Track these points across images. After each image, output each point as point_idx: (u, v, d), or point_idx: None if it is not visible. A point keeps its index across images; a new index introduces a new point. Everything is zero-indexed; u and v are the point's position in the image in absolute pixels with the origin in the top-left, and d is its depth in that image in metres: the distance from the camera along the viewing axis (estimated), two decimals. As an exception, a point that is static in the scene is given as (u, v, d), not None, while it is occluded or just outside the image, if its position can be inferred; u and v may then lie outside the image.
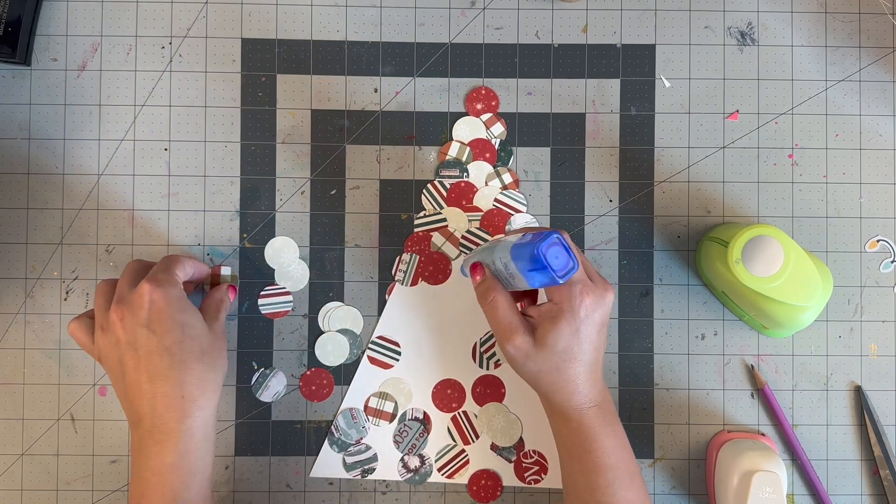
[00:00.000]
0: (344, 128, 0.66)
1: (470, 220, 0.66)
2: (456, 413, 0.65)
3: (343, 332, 0.65)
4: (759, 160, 0.66)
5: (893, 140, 0.66)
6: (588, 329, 0.54)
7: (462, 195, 0.66)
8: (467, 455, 0.65)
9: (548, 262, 0.51)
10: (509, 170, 0.66)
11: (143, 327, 0.54)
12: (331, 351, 0.65)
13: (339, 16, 0.66)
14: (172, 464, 0.53)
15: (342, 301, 0.66)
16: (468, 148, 0.66)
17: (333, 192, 0.66)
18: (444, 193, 0.66)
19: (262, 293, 0.66)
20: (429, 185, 0.66)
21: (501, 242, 0.55)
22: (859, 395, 0.65)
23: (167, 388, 0.54)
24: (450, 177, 0.66)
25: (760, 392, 0.65)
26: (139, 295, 0.55)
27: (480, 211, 0.66)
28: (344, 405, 0.65)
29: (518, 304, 0.57)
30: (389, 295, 0.66)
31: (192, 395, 0.54)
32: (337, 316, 0.66)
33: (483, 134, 0.66)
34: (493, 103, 0.66)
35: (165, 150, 0.66)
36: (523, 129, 0.66)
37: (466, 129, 0.66)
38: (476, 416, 0.65)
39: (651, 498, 0.57)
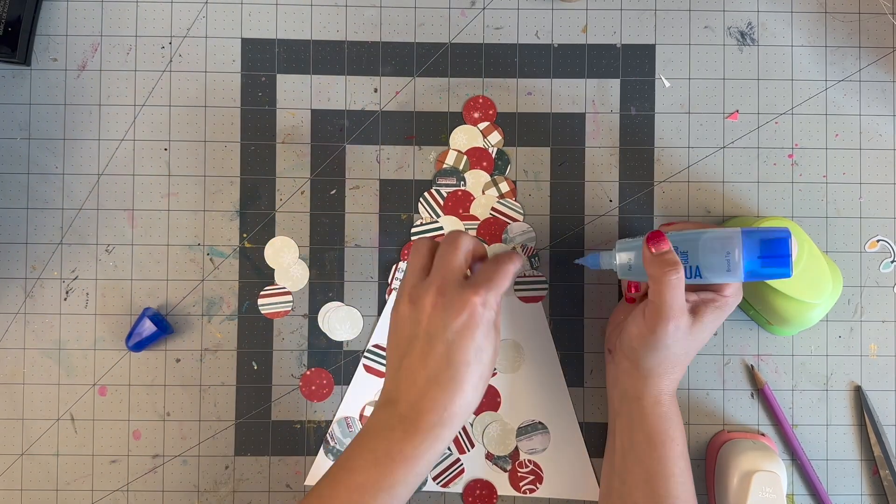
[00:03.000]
0: (344, 128, 0.66)
1: (467, 229, 0.66)
2: None
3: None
4: (759, 160, 0.66)
5: (893, 140, 0.66)
6: (720, 324, 0.57)
7: (459, 204, 0.66)
8: (462, 464, 0.65)
9: (792, 251, 0.53)
10: (506, 179, 0.66)
11: (447, 331, 0.53)
12: (344, 317, 0.65)
13: (339, 16, 0.66)
14: (409, 456, 0.53)
15: (342, 301, 0.66)
16: (465, 157, 0.66)
17: (333, 192, 0.66)
18: (441, 202, 0.66)
19: (262, 293, 0.66)
20: (426, 194, 0.66)
21: (705, 231, 0.55)
22: (859, 395, 0.65)
23: (438, 395, 0.53)
24: (447, 185, 0.66)
25: (760, 392, 0.65)
26: (463, 302, 0.54)
27: (477, 220, 0.66)
28: (339, 414, 0.65)
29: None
30: (389, 295, 0.66)
31: (453, 413, 0.53)
32: (337, 316, 0.66)
33: (480, 143, 0.66)
34: (491, 112, 0.66)
35: (165, 150, 0.66)
36: (523, 128, 0.66)
37: (463, 138, 0.66)
38: (471, 424, 0.65)
39: None
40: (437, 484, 0.65)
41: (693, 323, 0.55)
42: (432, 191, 0.66)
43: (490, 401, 0.65)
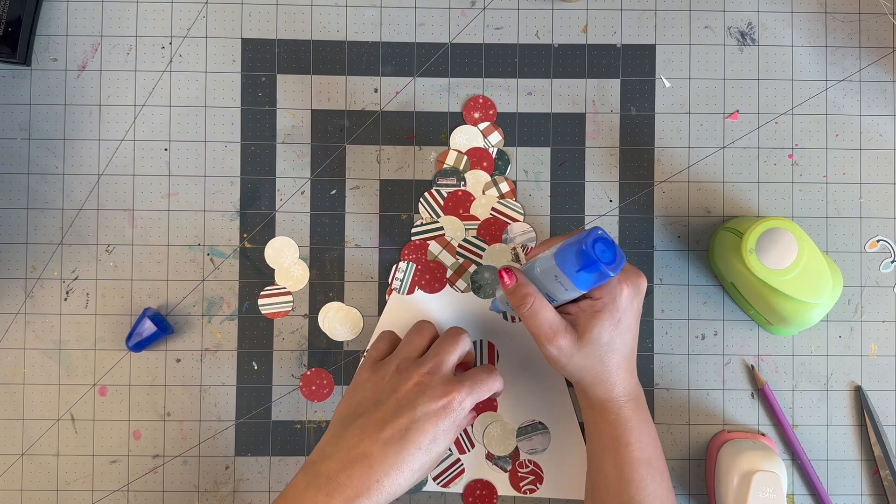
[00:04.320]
0: (344, 128, 0.66)
1: (467, 229, 0.66)
2: None
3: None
4: (759, 160, 0.66)
5: (893, 140, 0.66)
6: (628, 319, 0.55)
7: (459, 204, 0.66)
8: (463, 464, 0.65)
9: (598, 257, 0.51)
10: (507, 179, 0.66)
11: (417, 409, 0.54)
12: (340, 318, 0.66)
13: (339, 16, 0.67)
14: None
15: (342, 301, 0.66)
16: (465, 157, 0.66)
17: (333, 192, 0.66)
18: (442, 202, 0.66)
19: (262, 293, 0.66)
20: (426, 194, 0.66)
21: (538, 258, 0.55)
22: (859, 395, 0.65)
23: (375, 463, 0.52)
24: (447, 185, 0.66)
25: (760, 392, 0.65)
26: (447, 390, 0.54)
27: (477, 220, 0.66)
28: (342, 409, 0.65)
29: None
30: (389, 296, 0.66)
31: (381, 488, 0.52)
32: (337, 316, 0.66)
33: (480, 143, 0.66)
34: (491, 112, 0.66)
35: (165, 150, 0.66)
36: (523, 129, 0.66)
37: (464, 138, 0.66)
38: (472, 424, 0.65)
39: (675, 496, 0.58)
40: (438, 484, 0.65)
41: (579, 336, 0.54)
42: (432, 191, 0.66)
43: (489, 401, 0.65)
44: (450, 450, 0.65)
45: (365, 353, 0.65)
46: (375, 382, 0.56)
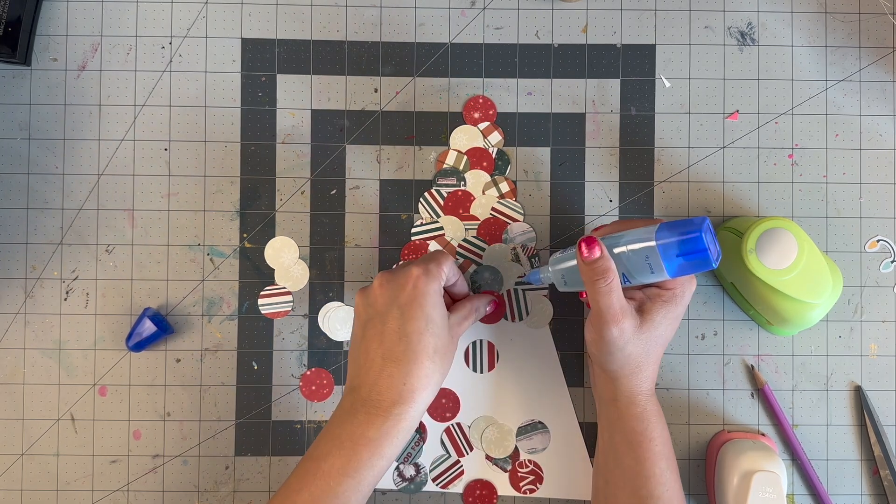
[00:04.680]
0: (344, 128, 0.66)
1: (467, 229, 0.66)
2: (449, 425, 0.65)
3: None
4: (759, 160, 0.66)
5: (893, 140, 0.66)
6: (680, 318, 0.57)
7: (459, 204, 0.66)
8: (462, 466, 0.65)
9: (708, 246, 0.51)
10: (506, 179, 0.66)
11: (396, 306, 0.55)
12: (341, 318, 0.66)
13: (339, 16, 0.66)
14: (372, 438, 0.53)
15: (342, 301, 0.66)
16: (465, 157, 0.66)
17: (333, 192, 0.66)
18: (441, 202, 0.66)
19: (262, 293, 0.66)
20: (426, 194, 0.66)
21: (627, 234, 0.55)
22: (859, 395, 0.65)
23: (395, 371, 0.54)
24: (447, 185, 0.66)
25: (760, 392, 0.65)
26: (406, 275, 0.56)
27: (477, 220, 0.66)
28: (343, 407, 0.65)
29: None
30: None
31: (413, 387, 0.54)
32: (337, 316, 0.66)
33: (480, 143, 0.66)
34: (491, 112, 0.66)
35: (165, 150, 0.66)
36: (523, 129, 0.66)
37: (464, 138, 0.66)
38: (469, 427, 0.65)
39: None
40: (437, 485, 0.65)
41: (642, 322, 0.55)
42: (432, 191, 0.66)
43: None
44: (447, 452, 0.65)
45: None
46: (361, 304, 0.57)
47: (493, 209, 0.66)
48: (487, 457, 0.65)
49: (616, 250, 0.55)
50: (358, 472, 0.53)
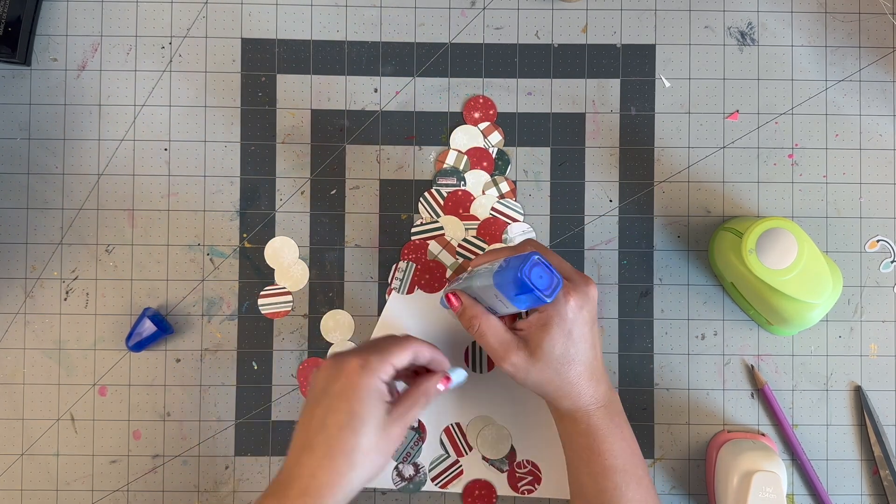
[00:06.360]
0: (344, 128, 0.66)
1: (467, 229, 0.66)
2: (448, 425, 0.65)
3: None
4: (759, 160, 0.66)
5: (893, 140, 0.66)
6: (580, 329, 0.54)
7: (459, 204, 0.66)
8: (461, 466, 0.65)
9: (533, 284, 0.51)
10: (506, 179, 0.66)
11: (326, 395, 0.53)
12: (332, 327, 0.66)
13: (339, 16, 0.66)
14: None
15: (342, 301, 0.66)
16: (465, 157, 0.66)
17: (333, 192, 0.66)
18: (441, 202, 0.66)
19: (262, 293, 0.66)
20: (426, 194, 0.66)
21: (479, 271, 0.55)
22: (859, 395, 0.65)
23: (307, 461, 0.51)
24: (447, 185, 0.66)
25: (760, 392, 0.65)
26: (343, 363, 0.53)
27: (477, 220, 0.66)
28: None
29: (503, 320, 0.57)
30: (389, 296, 0.66)
31: (321, 483, 0.51)
32: (326, 326, 0.66)
33: (481, 143, 0.66)
34: (491, 112, 0.66)
35: (165, 150, 0.66)
36: (523, 129, 0.66)
37: (464, 138, 0.66)
38: (467, 426, 0.65)
39: (659, 498, 0.57)
40: (436, 485, 0.65)
41: (532, 351, 0.54)
42: (432, 191, 0.66)
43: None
44: (446, 451, 0.65)
45: None
46: (311, 386, 0.55)
47: (492, 209, 0.66)
48: (484, 457, 0.65)
49: (475, 287, 0.55)
50: None
